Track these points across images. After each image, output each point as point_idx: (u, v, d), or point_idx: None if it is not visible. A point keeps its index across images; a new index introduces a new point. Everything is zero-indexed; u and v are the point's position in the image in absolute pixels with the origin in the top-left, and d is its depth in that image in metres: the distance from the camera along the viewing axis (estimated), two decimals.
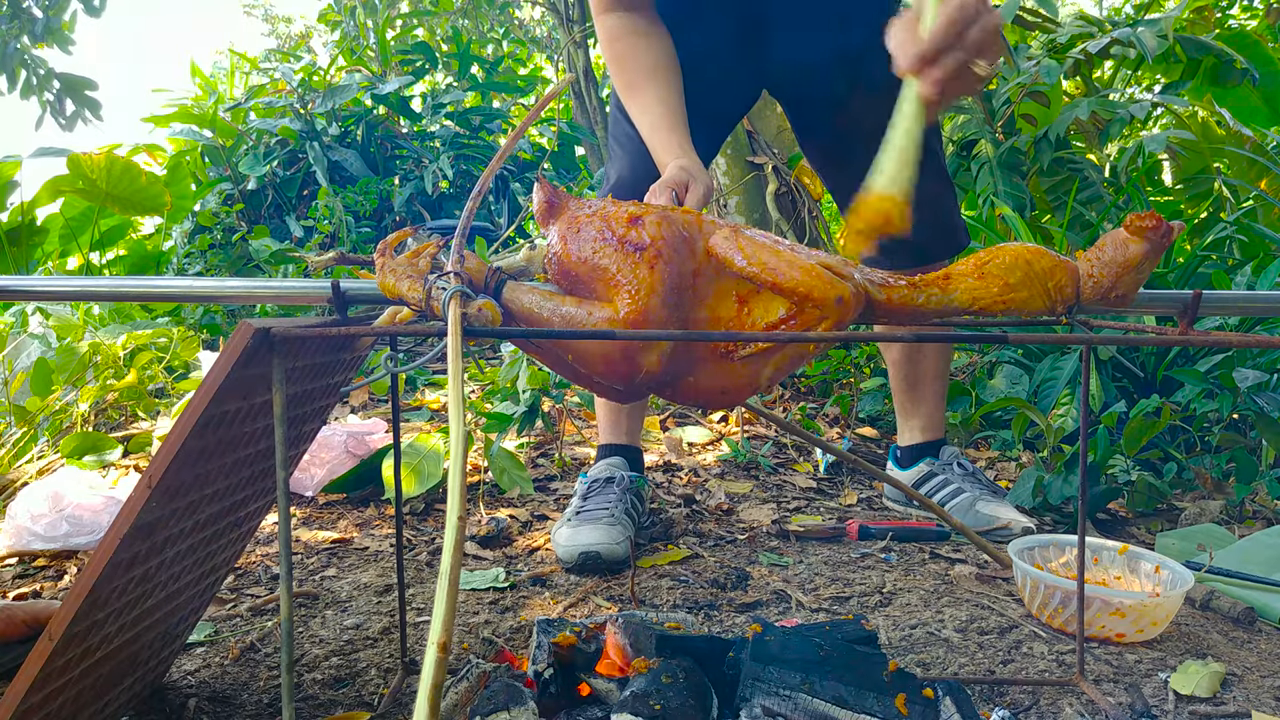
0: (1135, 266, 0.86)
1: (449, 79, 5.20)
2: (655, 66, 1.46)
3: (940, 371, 1.90)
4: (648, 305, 0.82)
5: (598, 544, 1.56)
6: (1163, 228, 0.85)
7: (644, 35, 1.49)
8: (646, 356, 0.84)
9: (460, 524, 0.62)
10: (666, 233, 0.85)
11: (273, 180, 4.51)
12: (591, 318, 0.83)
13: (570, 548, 1.57)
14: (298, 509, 1.94)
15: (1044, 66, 3.16)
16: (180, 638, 1.15)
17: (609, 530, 1.59)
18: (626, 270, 0.83)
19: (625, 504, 1.68)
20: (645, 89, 1.44)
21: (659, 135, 1.38)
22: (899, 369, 1.92)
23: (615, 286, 0.83)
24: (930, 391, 1.91)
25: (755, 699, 0.95)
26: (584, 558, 1.55)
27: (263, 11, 13.14)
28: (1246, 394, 2.02)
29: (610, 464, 1.79)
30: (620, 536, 1.59)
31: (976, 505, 1.77)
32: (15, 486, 1.97)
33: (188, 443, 0.79)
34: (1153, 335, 0.97)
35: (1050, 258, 0.88)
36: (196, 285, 1.17)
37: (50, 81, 3.91)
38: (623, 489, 1.71)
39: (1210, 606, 1.44)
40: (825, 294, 0.82)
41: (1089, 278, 0.88)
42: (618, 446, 1.83)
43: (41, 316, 2.84)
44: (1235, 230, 2.91)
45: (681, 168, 1.24)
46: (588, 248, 0.85)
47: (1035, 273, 0.87)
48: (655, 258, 0.83)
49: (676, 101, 1.43)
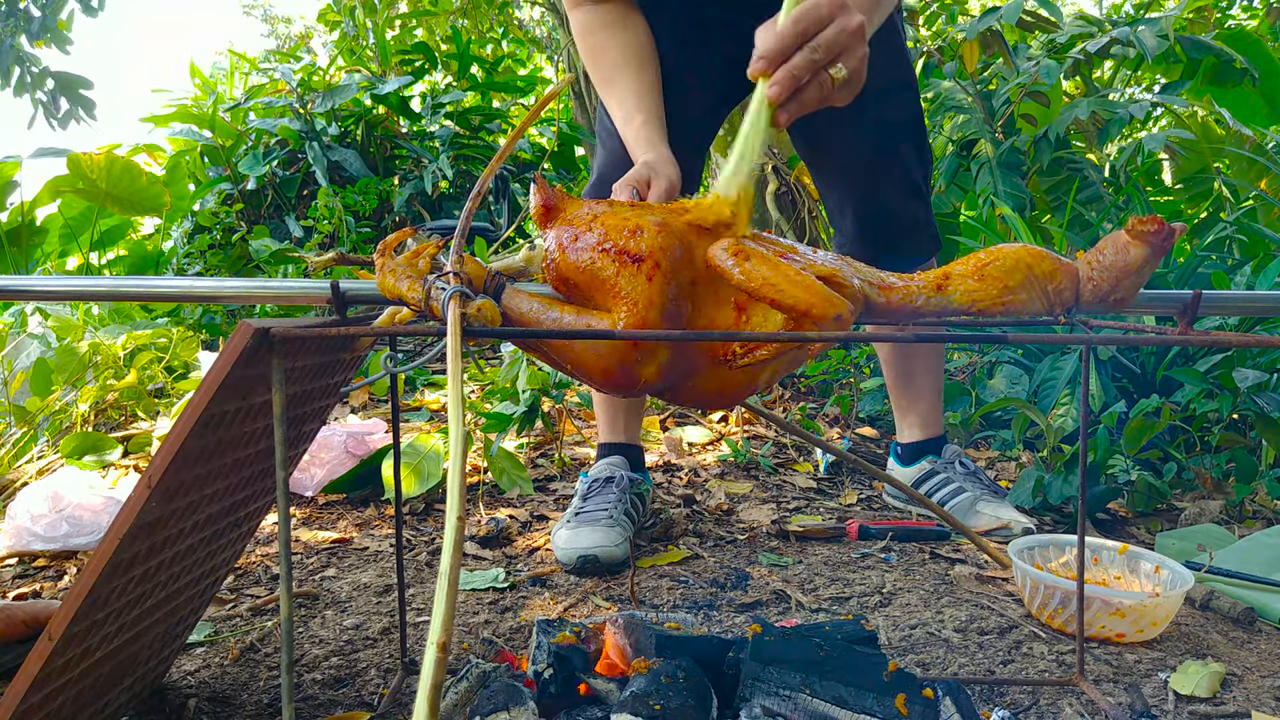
0: (1136, 270, 0.86)
1: (449, 79, 5.19)
2: (627, 59, 1.43)
3: (933, 367, 1.90)
4: (645, 318, 0.81)
5: (595, 547, 1.56)
6: (1164, 230, 0.84)
7: (617, 27, 1.46)
8: (644, 369, 0.84)
9: (460, 524, 0.62)
10: (665, 243, 0.84)
11: (272, 180, 4.51)
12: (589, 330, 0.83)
13: (569, 550, 1.57)
14: (298, 509, 1.94)
15: (1044, 66, 3.16)
16: (180, 638, 1.15)
17: (607, 532, 1.59)
18: (624, 282, 0.82)
19: (625, 504, 1.68)
20: (617, 82, 1.42)
21: (630, 128, 1.35)
22: (891, 366, 1.92)
23: (614, 298, 0.82)
24: (924, 388, 1.90)
25: (755, 699, 0.95)
26: (582, 561, 1.55)
27: (262, 12, 13.14)
28: (1246, 394, 2.02)
29: (610, 463, 1.79)
30: (619, 538, 1.59)
31: (977, 505, 1.77)
32: (15, 486, 1.97)
33: (187, 443, 0.79)
34: (1153, 335, 0.97)
35: (1051, 261, 0.87)
36: (196, 285, 1.17)
37: (45, 80, 3.90)
38: (622, 489, 1.71)
39: (1210, 606, 1.44)
40: (824, 312, 0.80)
41: (1089, 281, 0.87)
42: (617, 445, 1.83)
43: (41, 316, 2.84)
44: (1235, 230, 2.91)
45: (645, 163, 1.21)
46: (585, 256, 0.84)
47: (1036, 276, 0.87)
48: (654, 269, 0.82)
49: (649, 94, 1.40)
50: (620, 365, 0.83)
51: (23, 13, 3.83)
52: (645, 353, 0.83)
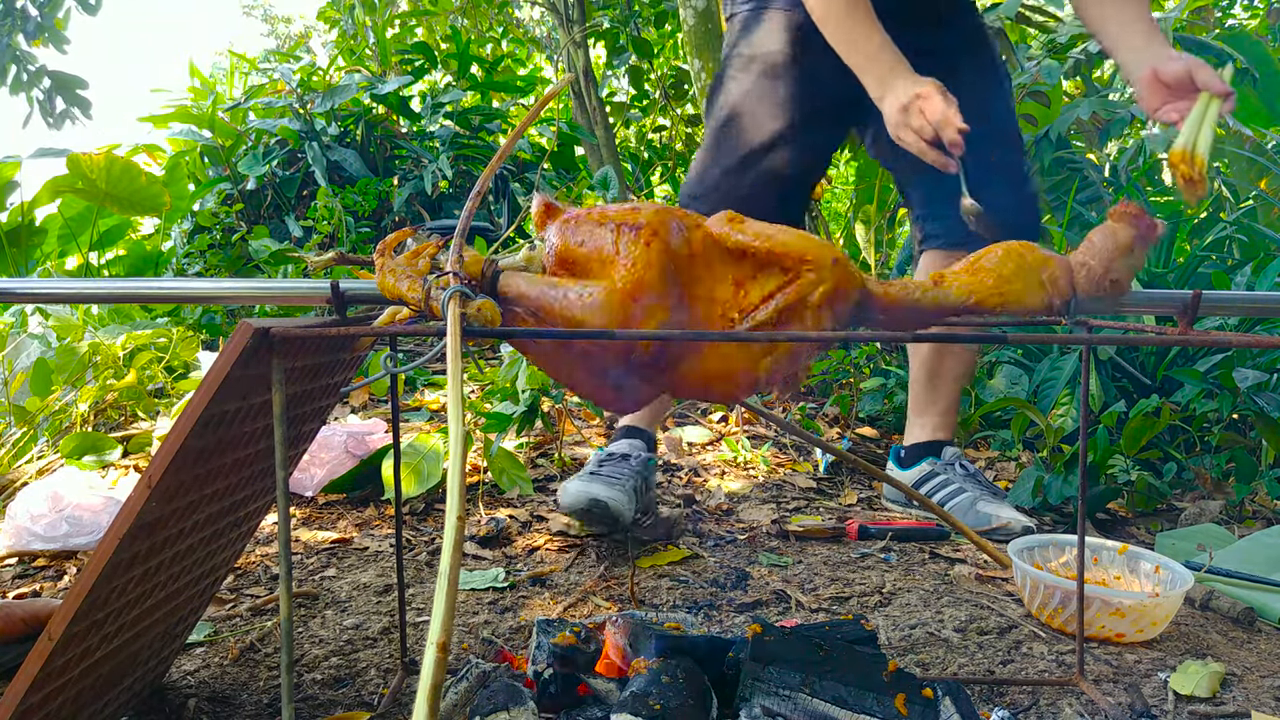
0: (1126, 250, 0.90)
1: (448, 79, 5.19)
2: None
3: (961, 375, 1.92)
4: (643, 277, 0.84)
5: (607, 496, 1.59)
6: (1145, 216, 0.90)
7: None
8: (645, 325, 0.84)
9: (459, 524, 0.62)
10: (663, 218, 0.88)
11: (272, 180, 4.50)
12: (588, 289, 0.85)
13: (580, 494, 1.60)
14: (298, 509, 1.94)
15: (1044, 66, 3.16)
16: (180, 638, 1.15)
17: (619, 493, 1.62)
18: (623, 247, 0.86)
19: (636, 481, 1.71)
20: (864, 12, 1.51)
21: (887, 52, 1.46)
22: (924, 364, 1.93)
23: (611, 262, 0.85)
24: (947, 391, 1.92)
25: (755, 699, 0.95)
26: (591, 503, 1.58)
27: (262, 12, 13.14)
28: (1246, 394, 2.02)
29: (630, 443, 1.82)
30: (628, 502, 1.61)
31: (977, 505, 1.77)
32: (15, 486, 1.97)
33: (187, 443, 0.79)
34: (1153, 335, 0.97)
35: (1041, 251, 0.91)
36: (195, 286, 1.17)
37: (41, 79, 3.90)
38: (636, 467, 1.74)
39: (1210, 606, 1.44)
40: (820, 254, 0.85)
41: (1082, 266, 0.90)
42: (638, 430, 1.86)
43: (41, 316, 2.84)
44: (1235, 230, 2.91)
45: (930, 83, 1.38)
46: (585, 231, 0.88)
47: (1028, 264, 0.90)
48: (651, 236, 0.86)
49: None
50: (621, 322, 0.84)
51: (20, 11, 3.83)
52: (644, 309, 0.85)
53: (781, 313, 0.85)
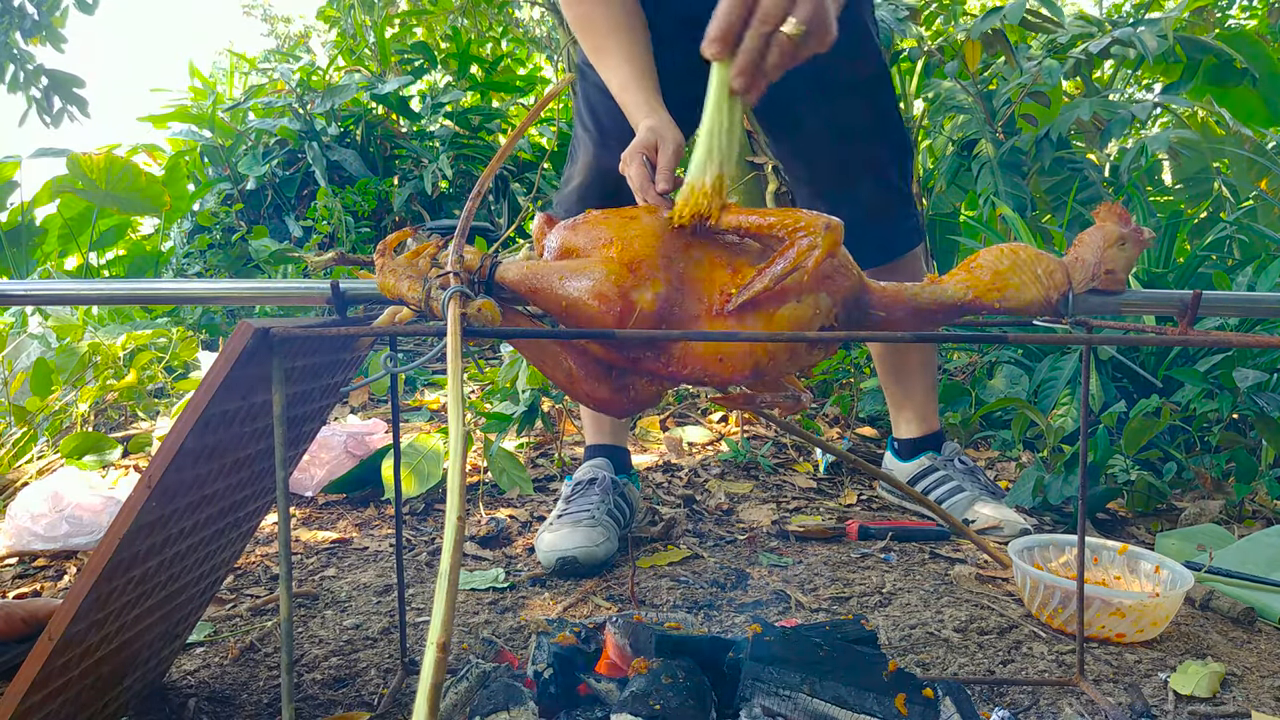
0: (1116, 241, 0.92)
1: (448, 79, 5.18)
2: (619, 25, 1.40)
3: (925, 363, 1.89)
4: (640, 251, 0.87)
5: (575, 548, 1.56)
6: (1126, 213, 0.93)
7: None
8: (641, 294, 0.85)
9: (459, 524, 0.62)
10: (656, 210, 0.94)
11: (272, 180, 4.51)
12: (586, 263, 0.87)
13: (549, 553, 1.58)
14: (297, 509, 1.94)
15: (1045, 67, 3.16)
16: (180, 638, 1.15)
17: (589, 533, 1.59)
18: (621, 230, 0.89)
19: (608, 505, 1.68)
20: (611, 50, 1.39)
21: (628, 94, 1.32)
22: (883, 362, 1.92)
23: (609, 243, 0.88)
24: (917, 384, 1.90)
25: (755, 699, 0.95)
26: (561, 563, 1.56)
27: (262, 11, 13.13)
28: (1246, 394, 2.01)
29: (594, 465, 1.78)
30: (600, 538, 1.59)
31: (975, 504, 1.77)
32: (15, 486, 1.97)
33: (187, 443, 0.79)
34: (1153, 335, 0.97)
35: (1035, 249, 0.93)
36: (195, 287, 1.17)
37: (38, 77, 3.90)
38: (604, 490, 1.70)
39: (1210, 606, 1.44)
40: (812, 219, 0.86)
41: (1076, 260, 0.92)
42: (601, 447, 1.83)
43: (41, 317, 2.84)
44: (1235, 230, 2.91)
45: (649, 129, 1.19)
46: (584, 231, 0.91)
47: (1023, 260, 0.92)
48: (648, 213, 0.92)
49: (643, 58, 1.37)
50: (617, 289, 0.85)
51: (17, 9, 3.82)
52: (641, 279, 0.86)
53: (778, 280, 0.84)
